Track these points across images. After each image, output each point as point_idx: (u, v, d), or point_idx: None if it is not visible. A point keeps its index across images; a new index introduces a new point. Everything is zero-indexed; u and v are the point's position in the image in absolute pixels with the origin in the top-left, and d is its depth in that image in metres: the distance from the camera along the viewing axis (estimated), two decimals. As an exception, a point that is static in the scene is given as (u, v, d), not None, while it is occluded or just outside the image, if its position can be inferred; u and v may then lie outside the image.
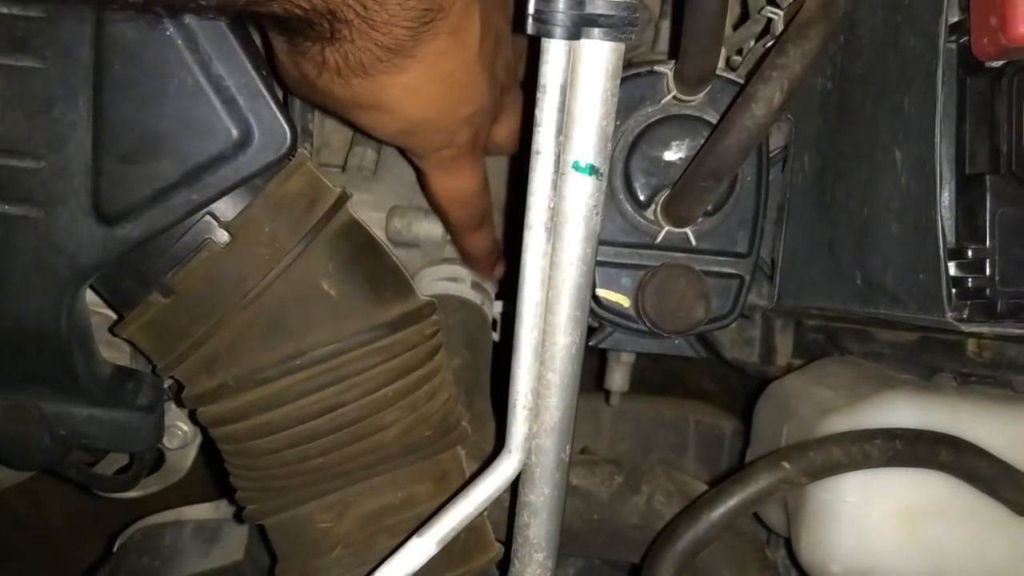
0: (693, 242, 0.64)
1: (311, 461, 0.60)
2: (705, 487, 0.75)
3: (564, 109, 0.48)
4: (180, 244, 0.53)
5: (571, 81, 0.48)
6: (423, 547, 0.54)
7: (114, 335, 0.58)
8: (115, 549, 0.92)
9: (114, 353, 0.67)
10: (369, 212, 0.86)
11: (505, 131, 0.67)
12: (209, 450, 0.70)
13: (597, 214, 0.51)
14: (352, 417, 0.59)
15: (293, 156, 0.53)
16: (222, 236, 0.54)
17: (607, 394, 0.89)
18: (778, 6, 0.65)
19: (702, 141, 0.63)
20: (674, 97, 0.64)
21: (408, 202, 0.87)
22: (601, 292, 0.66)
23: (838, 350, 0.87)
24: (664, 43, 0.77)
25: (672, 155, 0.64)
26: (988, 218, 0.53)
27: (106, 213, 0.51)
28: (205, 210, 0.53)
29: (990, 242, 0.53)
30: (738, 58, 0.72)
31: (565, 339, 0.52)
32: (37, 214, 0.51)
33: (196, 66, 0.49)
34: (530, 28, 0.46)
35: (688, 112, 0.64)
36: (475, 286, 0.85)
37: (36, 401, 0.58)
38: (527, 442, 0.53)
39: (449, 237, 0.82)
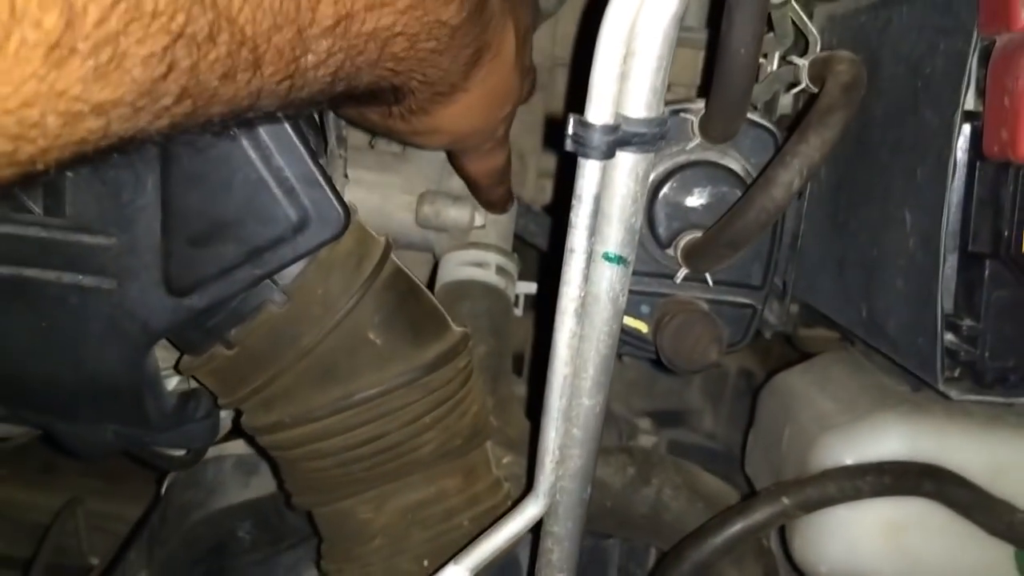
0: (710, 283, 0.69)
1: (354, 475, 0.67)
2: (711, 479, 0.82)
3: (597, 213, 0.52)
4: (242, 304, 0.58)
5: (604, 185, 0.52)
6: (458, 574, 0.61)
7: (178, 371, 0.64)
8: (163, 490, 1.00)
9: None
10: (399, 195, 0.90)
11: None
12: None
13: (623, 296, 0.55)
14: (392, 442, 0.65)
15: (345, 232, 0.57)
16: (280, 298, 0.58)
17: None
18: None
19: (724, 189, 0.67)
20: (699, 142, 0.67)
21: (437, 185, 0.91)
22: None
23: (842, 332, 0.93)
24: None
25: (694, 201, 0.68)
26: (985, 298, 0.58)
27: (175, 287, 0.55)
28: (264, 276, 0.58)
29: (984, 321, 0.58)
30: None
31: (590, 401, 0.58)
32: (111, 285, 0.56)
33: (259, 161, 0.53)
34: (568, 146, 0.50)
35: (712, 159, 0.67)
36: (499, 270, 0.90)
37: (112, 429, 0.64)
38: (553, 487, 0.60)
39: (477, 220, 0.86)
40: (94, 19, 0.29)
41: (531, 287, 0.95)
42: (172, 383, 0.69)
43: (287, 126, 0.53)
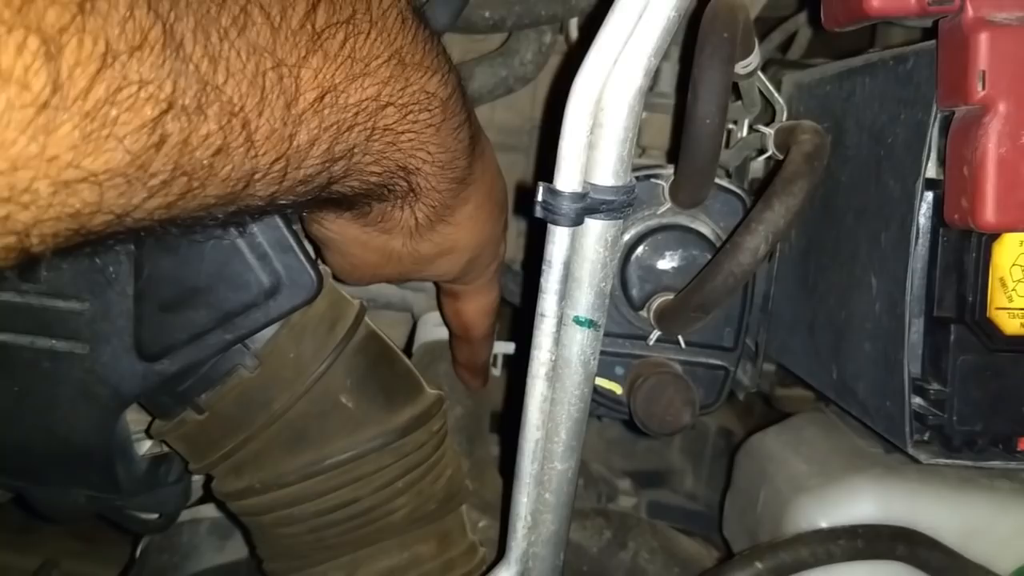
0: (683, 345, 0.69)
1: (326, 540, 0.66)
2: (687, 542, 0.82)
3: (567, 278, 0.53)
4: (213, 369, 0.59)
5: (574, 251, 0.52)
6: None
7: (149, 435, 0.64)
8: (138, 552, 0.99)
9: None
10: (378, 255, 0.91)
11: None
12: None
13: (594, 359, 0.56)
14: (365, 507, 0.65)
15: (317, 297, 0.57)
16: (251, 362, 0.59)
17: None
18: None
19: (694, 252, 0.68)
20: (670, 206, 0.68)
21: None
22: (596, 380, 0.71)
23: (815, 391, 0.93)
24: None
25: (666, 263, 0.68)
26: (951, 362, 0.58)
27: (146, 352, 0.56)
28: (235, 340, 0.58)
29: (951, 385, 0.58)
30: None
31: (562, 465, 0.58)
32: (83, 350, 0.56)
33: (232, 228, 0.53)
34: (538, 213, 0.50)
35: (682, 223, 0.68)
36: (477, 331, 0.90)
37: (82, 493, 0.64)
38: (525, 553, 0.60)
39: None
40: (81, 85, 0.30)
41: (509, 347, 0.95)
42: (144, 447, 0.68)
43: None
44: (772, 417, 0.98)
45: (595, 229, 0.52)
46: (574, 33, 0.95)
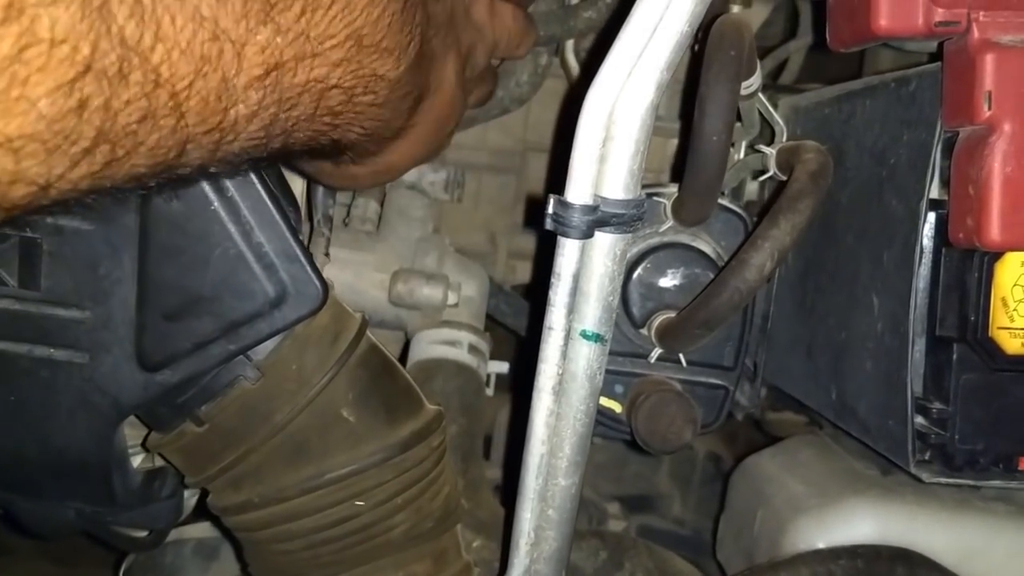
0: (684, 364, 0.69)
1: (322, 558, 0.65)
2: (683, 564, 0.81)
3: (575, 292, 0.53)
4: (214, 380, 0.58)
5: (583, 264, 0.52)
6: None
7: (146, 449, 0.63)
8: (122, 572, 0.97)
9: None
10: (372, 273, 0.90)
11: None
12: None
13: (600, 373, 0.56)
14: (363, 524, 0.64)
15: (322, 308, 0.57)
16: (253, 374, 0.58)
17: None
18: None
19: (696, 271, 0.68)
20: (672, 225, 0.69)
21: (411, 264, 0.91)
22: (596, 398, 0.71)
23: (809, 416, 0.94)
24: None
25: (667, 282, 0.69)
26: (953, 381, 0.59)
27: (147, 362, 0.55)
28: (238, 351, 0.57)
29: (953, 404, 0.59)
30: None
31: (566, 481, 0.58)
32: (82, 359, 0.55)
33: (239, 236, 0.53)
34: (548, 225, 0.50)
35: (684, 241, 0.68)
36: (472, 349, 0.90)
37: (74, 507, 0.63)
38: (527, 570, 0.59)
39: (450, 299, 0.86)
40: None
41: (503, 366, 0.95)
42: (136, 461, 0.67)
43: (268, 202, 0.54)
44: (759, 443, 0.98)
45: (604, 242, 0.51)
46: (570, 55, 0.95)
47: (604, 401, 0.71)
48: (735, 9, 0.86)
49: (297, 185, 0.89)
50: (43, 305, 0.54)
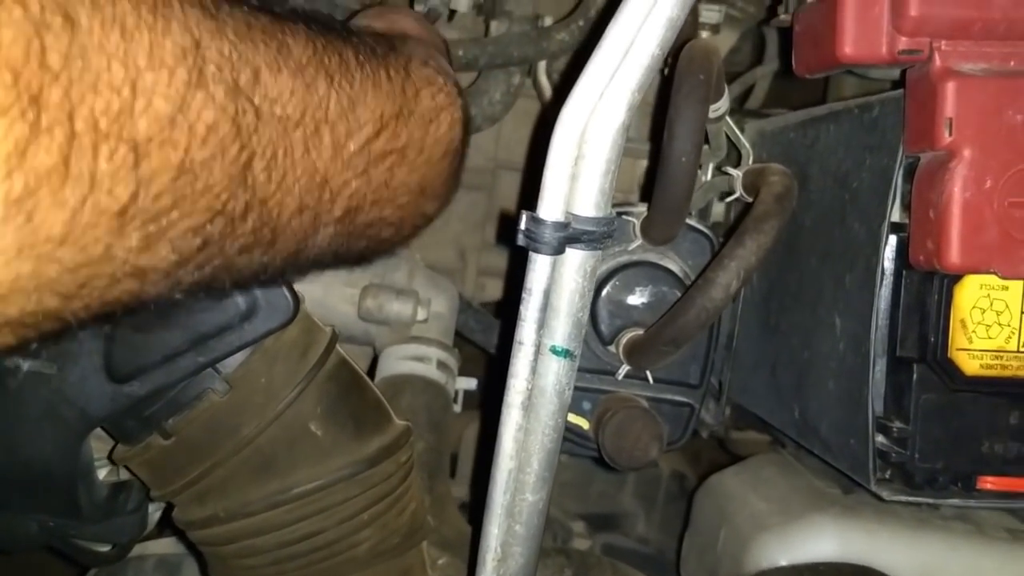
0: (651, 381, 0.70)
1: (288, 574, 0.65)
2: (647, 582, 0.82)
3: (546, 307, 0.53)
4: (182, 392, 0.57)
5: (554, 280, 0.53)
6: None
7: (112, 461, 0.62)
8: (81, 587, 0.96)
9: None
10: (342, 287, 0.90)
11: None
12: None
13: (569, 389, 0.56)
14: (329, 539, 0.64)
15: (293, 321, 0.57)
16: (221, 387, 0.58)
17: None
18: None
19: (664, 289, 0.69)
20: (640, 243, 0.69)
21: (380, 279, 0.91)
22: (564, 414, 0.71)
23: (772, 435, 0.95)
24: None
25: (635, 299, 0.69)
26: (913, 402, 0.60)
27: (116, 373, 0.54)
28: (206, 364, 0.57)
29: (913, 424, 0.60)
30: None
31: (533, 496, 0.58)
32: (51, 370, 0.55)
33: (209, 248, 0.53)
34: (520, 241, 0.51)
35: (652, 260, 0.69)
36: (440, 365, 0.90)
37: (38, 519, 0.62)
38: (494, 587, 0.59)
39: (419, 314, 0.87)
40: (155, 191, 0.31)
41: (471, 383, 0.95)
42: (101, 474, 0.67)
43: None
44: (722, 462, 0.99)
45: (575, 259, 0.52)
46: (542, 76, 0.96)
47: (571, 417, 0.71)
48: (704, 35, 0.88)
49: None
50: (10, 315, 0.54)
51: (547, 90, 0.96)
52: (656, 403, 0.71)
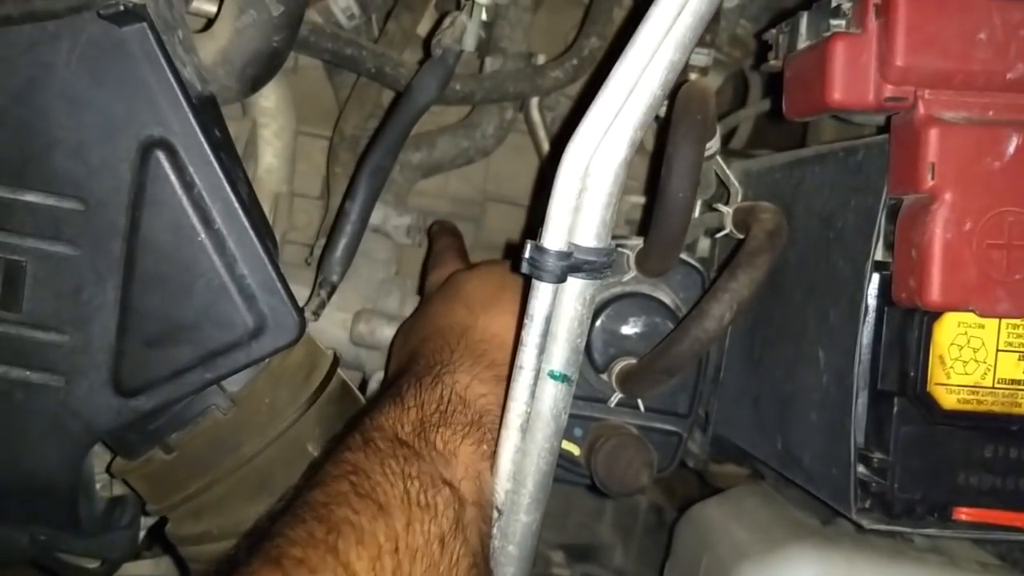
0: (642, 409, 0.72)
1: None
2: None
3: (546, 333, 0.55)
4: (187, 408, 0.59)
5: (554, 307, 0.55)
6: None
7: (111, 474, 0.63)
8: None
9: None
10: (334, 312, 0.92)
11: None
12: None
13: (565, 413, 0.58)
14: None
15: (299, 340, 0.58)
16: (226, 404, 0.59)
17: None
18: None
19: (656, 320, 0.71)
20: (635, 275, 0.72)
21: (373, 304, 0.93)
22: (555, 440, 0.73)
23: (752, 466, 0.97)
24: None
25: (629, 329, 0.72)
26: (893, 434, 0.62)
27: (124, 387, 0.56)
28: (211, 381, 0.58)
29: (893, 455, 0.62)
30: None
31: (527, 517, 0.60)
32: (58, 383, 0.56)
33: (222, 267, 0.55)
34: (524, 268, 0.53)
35: (646, 291, 0.72)
36: (429, 391, 0.91)
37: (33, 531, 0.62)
38: (487, 605, 0.60)
39: None
40: None
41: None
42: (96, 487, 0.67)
43: (253, 235, 0.55)
44: (696, 496, 1.01)
45: (575, 287, 0.54)
46: (534, 111, 0.99)
47: (563, 444, 0.73)
48: (693, 77, 0.91)
49: (266, 204, 0.90)
50: (23, 328, 0.55)
51: (539, 125, 0.98)
52: (646, 431, 0.73)
